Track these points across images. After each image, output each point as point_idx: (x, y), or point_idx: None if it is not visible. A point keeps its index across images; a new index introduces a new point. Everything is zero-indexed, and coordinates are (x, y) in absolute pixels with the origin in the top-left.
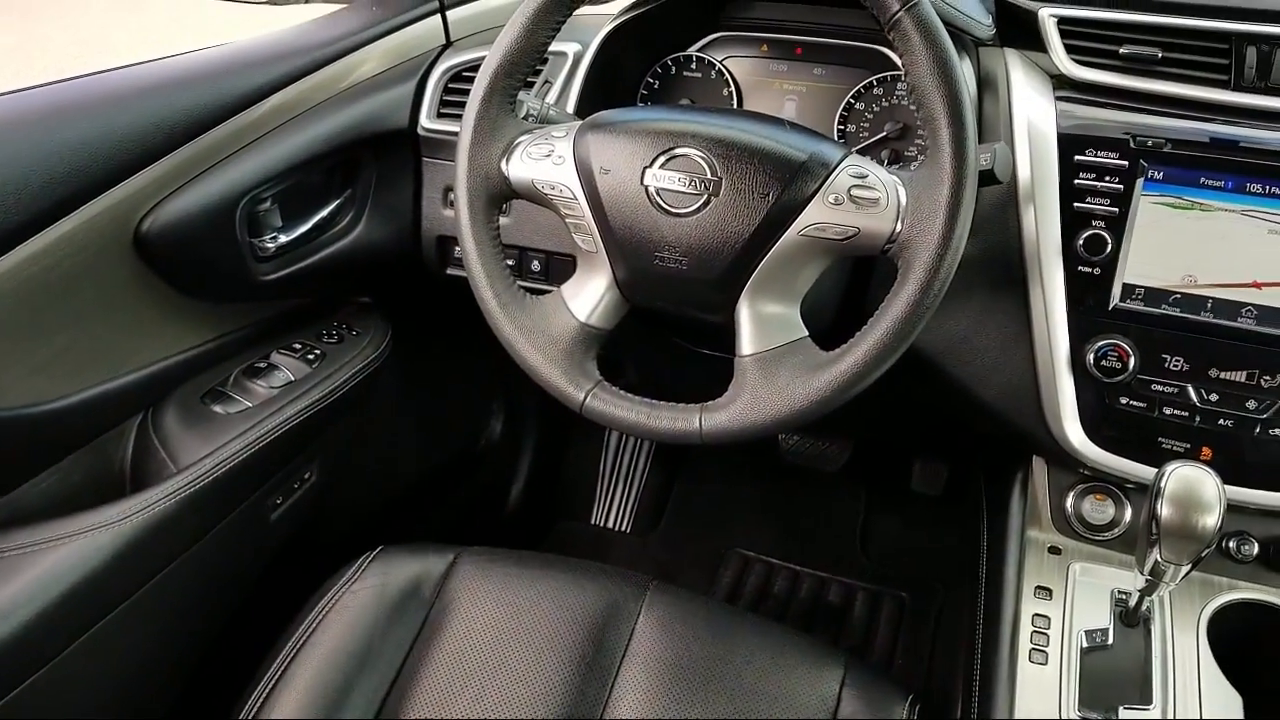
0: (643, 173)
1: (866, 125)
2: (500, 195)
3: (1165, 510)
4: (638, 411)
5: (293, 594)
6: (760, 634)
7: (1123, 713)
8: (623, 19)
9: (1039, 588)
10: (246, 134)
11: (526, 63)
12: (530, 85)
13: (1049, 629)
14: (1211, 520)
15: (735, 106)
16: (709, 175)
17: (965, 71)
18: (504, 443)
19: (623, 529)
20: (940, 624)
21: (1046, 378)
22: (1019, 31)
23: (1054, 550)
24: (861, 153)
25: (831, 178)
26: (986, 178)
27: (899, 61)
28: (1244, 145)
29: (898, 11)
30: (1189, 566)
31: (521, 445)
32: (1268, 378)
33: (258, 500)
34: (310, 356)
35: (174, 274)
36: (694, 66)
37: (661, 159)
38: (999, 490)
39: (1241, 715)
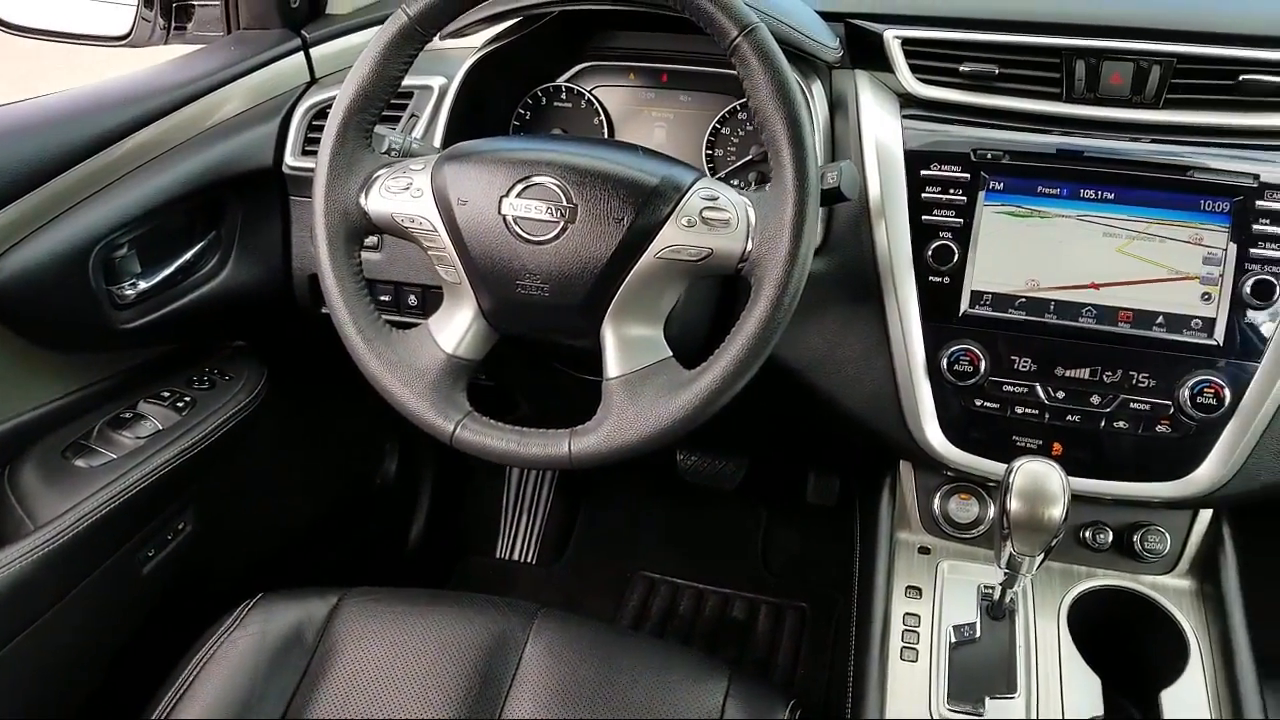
0: (500, 202)
1: (733, 149)
2: (360, 230)
3: (1014, 505)
4: (508, 440)
5: (172, 648)
6: (646, 653)
7: (989, 703)
8: (486, 51)
9: (910, 587)
10: (100, 178)
11: (380, 97)
12: (396, 119)
13: (919, 627)
14: (1057, 512)
15: (606, 135)
16: (565, 202)
17: (816, 93)
18: (401, 481)
19: (528, 560)
20: (839, 631)
21: (906, 384)
22: (868, 53)
23: (924, 550)
24: (728, 176)
25: (684, 200)
26: (834, 195)
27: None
28: (1075, 154)
29: (736, 37)
30: (1041, 556)
31: (419, 483)
32: (1109, 373)
33: (127, 554)
34: (180, 404)
35: (25, 326)
36: (564, 96)
37: (518, 188)
38: (870, 496)
39: (1100, 696)
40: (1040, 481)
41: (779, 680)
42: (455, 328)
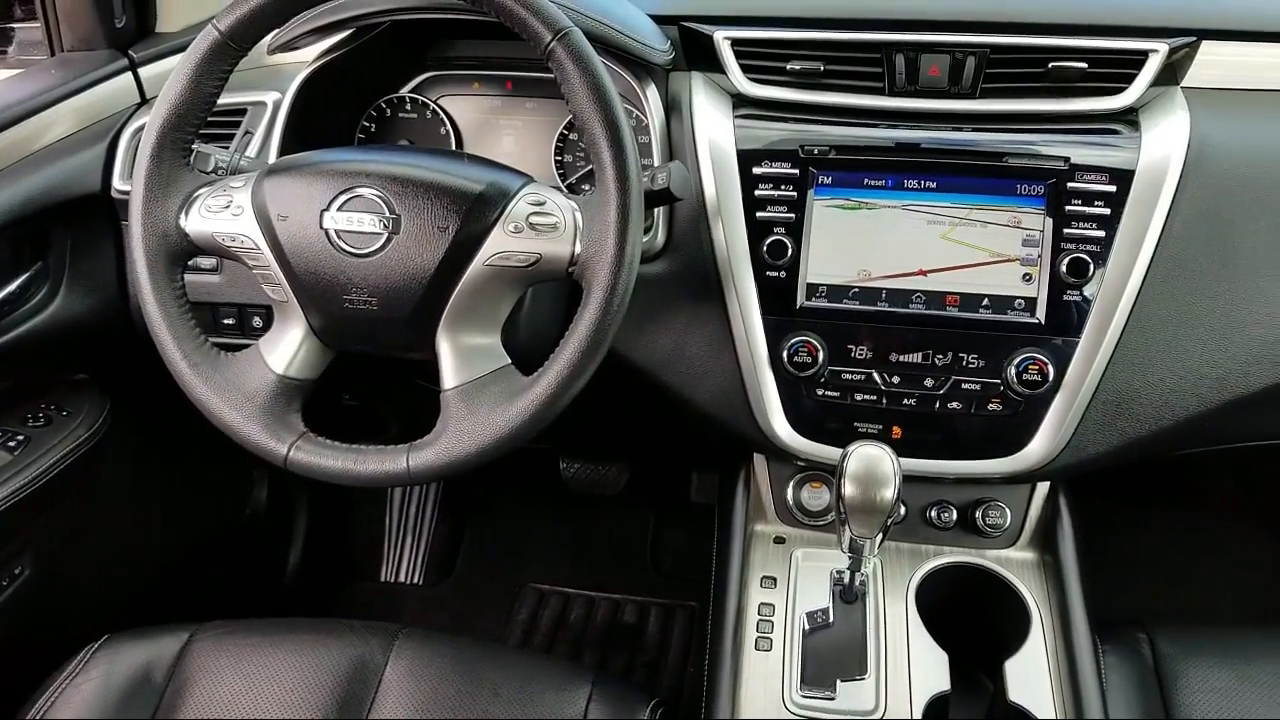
0: (321, 216)
1: (582, 154)
2: (180, 253)
3: (848, 489)
4: (344, 458)
5: (13, 699)
6: (508, 665)
7: (840, 687)
8: (320, 64)
9: (765, 577)
10: None
11: (195, 114)
12: (230, 137)
13: (774, 616)
14: (889, 493)
15: (454, 145)
16: (387, 213)
17: (651, 96)
18: (273, 509)
19: (415, 581)
20: (703, 627)
21: (751, 379)
22: (701, 55)
23: (779, 540)
24: (579, 181)
25: (510, 207)
26: (665, 196)
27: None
28: (898, 145)
29: (550, 42)
30: (880, 537)
31: (294, 509)
32: (940, 356)
33: None
34: (11, 443)
35: None
36: (409, 108)
37: (339, 201)
38: (727, 490)
39: (947, 671)
40: (872, 465)
41: (669, 681)
42: (286, 347)
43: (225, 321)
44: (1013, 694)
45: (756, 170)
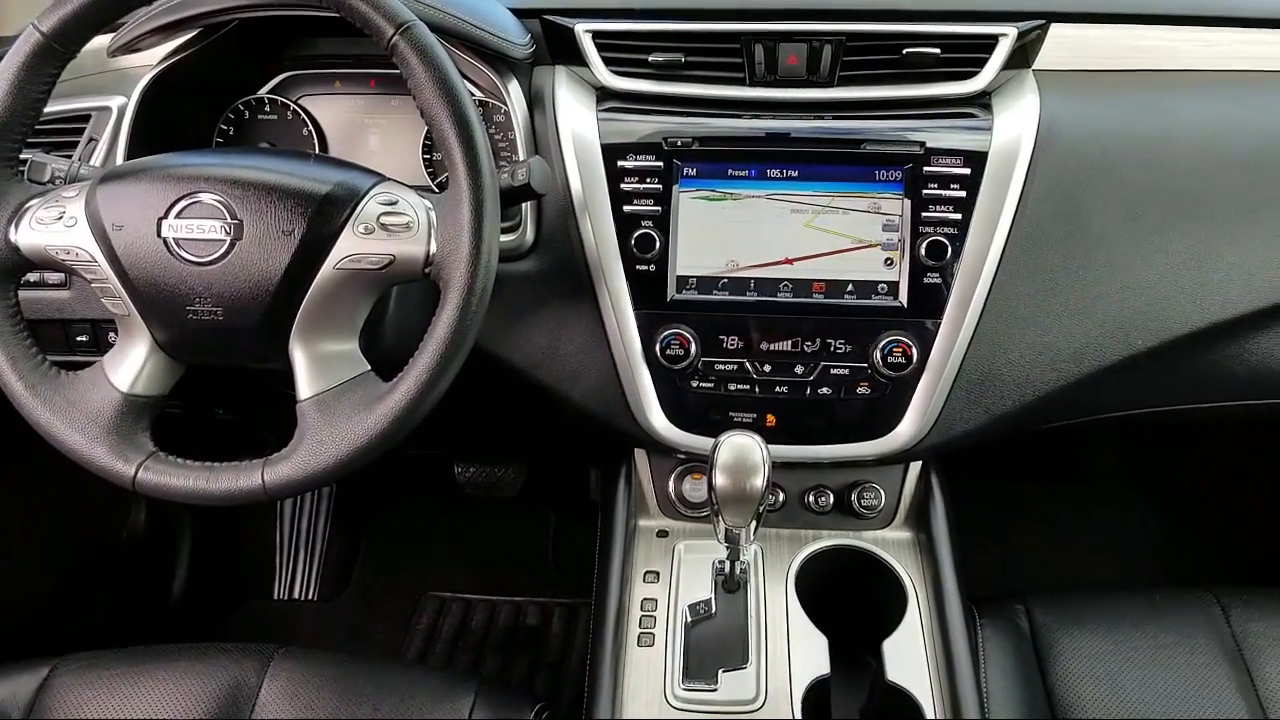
0: (159, 224)
1: None
2: (11, 268)
3: (718, 479)
4: (195, 477)
5: None
6: (389, 679)
7: (722, 677)
8: (165, 65)
9: (648, 572)
10: None
11: (21, 122)
12: (74, 144)
13: (656, 611)
14: (759, 481)
15: (317, 146)
16: (229, 219)
17: (513, 91)
18: (153, 530)
19: (310, 597)
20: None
21: (626, 373)
22: (564, 48)
23: (662, 534)
24: (446, 182)
25: (360, 207)
26: (525, 192)
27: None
28: (759, 135)
29: (392, 36)
30: (754, 525)
31: (177, 530)
32: (809, 343)
33: None
34: None
35: None
36: (268, 109)
37: (177, 207)
38: (608, 486)
39: (826, 655)
40: (741, 454)
41: (571, 680)
42: (131, 364)
43: (79, 339)
44: (891, 673)
45: (621, 164)
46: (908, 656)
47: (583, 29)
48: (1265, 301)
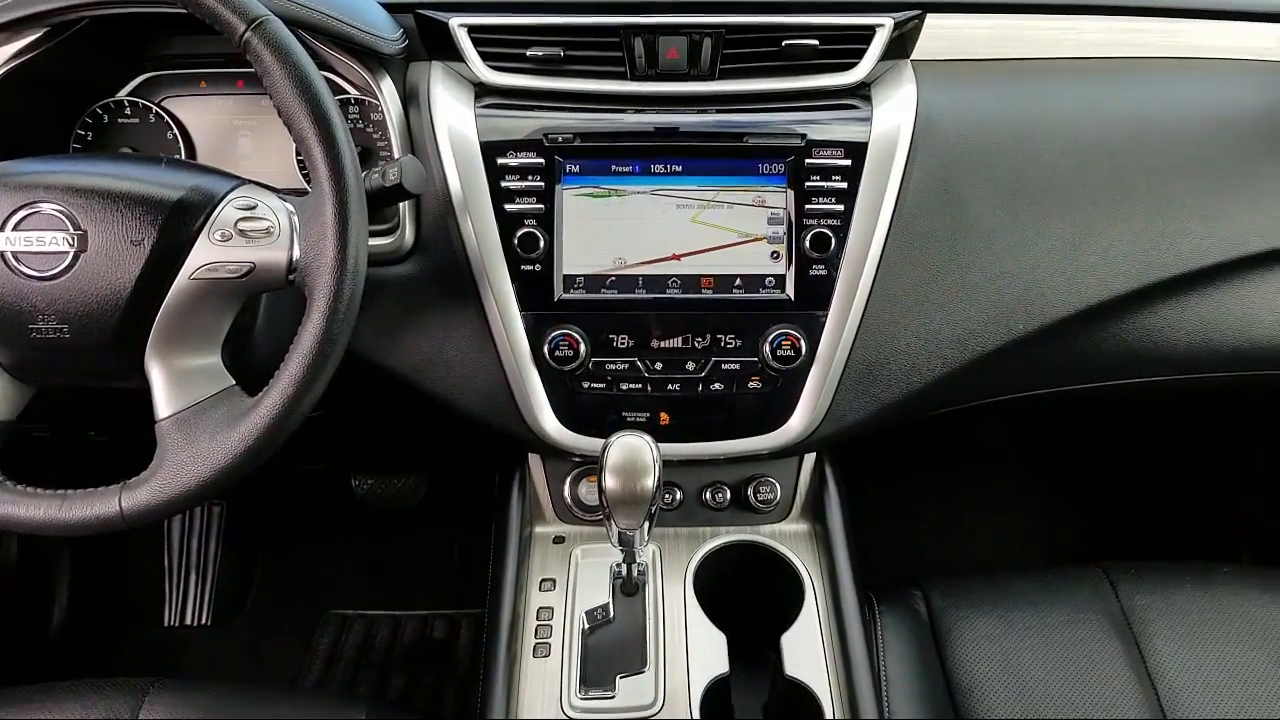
0: None
1: None
2: None
3: (608, 481)
4: (46, 506)
5: None
6: (273, 706)
7: (619, 683)
8: (10, 67)
9: (544, 580)
10: None
11: None
12: None
13: (553, 619)
14: (649, 482)
15: (184, 151)
16: (72, 230)
17: (386, 89)
18: (26, 561)
19: (203, 622)
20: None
21: (515, 376)
22: (440, 44)
23: (559, 540)
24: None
25: (216, 213)
26: (397, 193)
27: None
28: (641, 130)
29: (244, 32)
30: (647, 526)
31: (53, 559)
32: (699, 339)
33: None
34: None
35: None
36: (129, 112)
37: (15, 219)
38: (502, 492)
39: (725, 654)
40: (631, 455)
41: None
42: None
43: None
44: (790, 668)
45: (502, 161)
46: (806, 650)
47: (458, 23)
48: (1139, 282)
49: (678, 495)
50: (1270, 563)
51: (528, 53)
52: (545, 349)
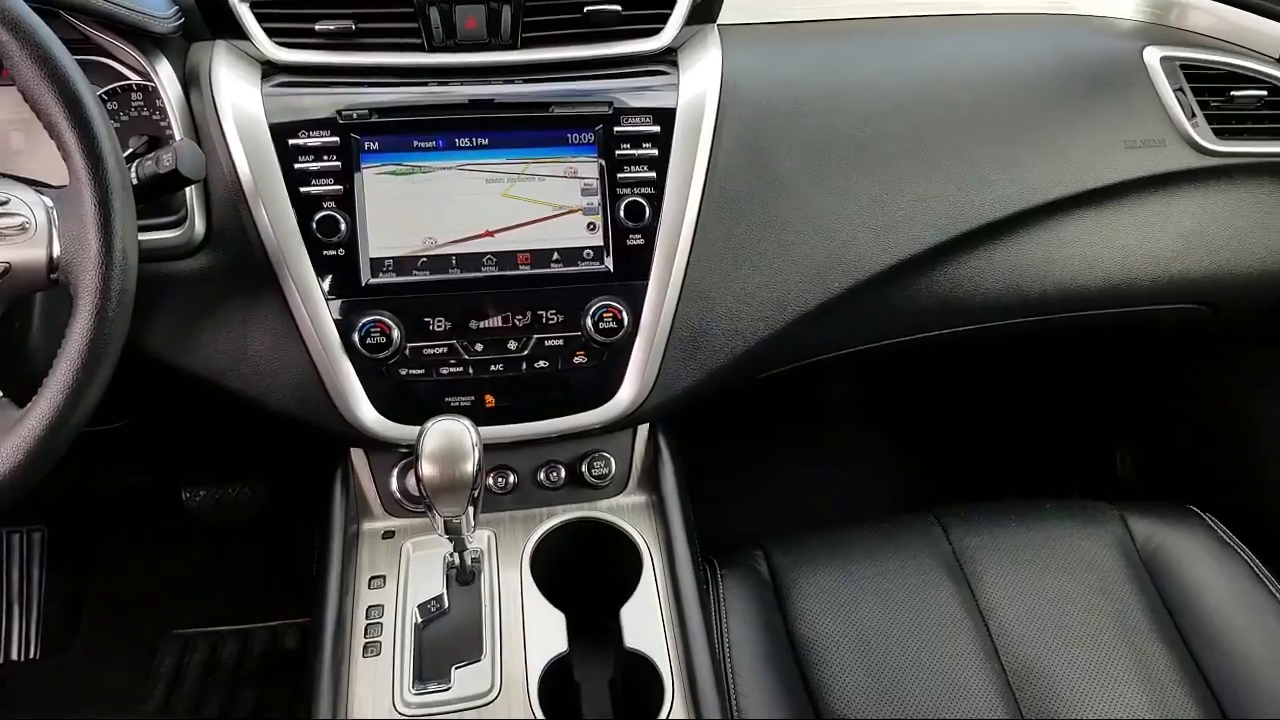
0: None
1: None
2: None
3: (426, 469)
4: None
5: None
6: None
7: (455, 674)
8: None
9: (374, 577)
10: None
11: None
12: None
13: (383, 617)
14: (469, 467)
15: None
16: None
17: (163, 71)
18: None
19: (30, 657)
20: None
21: (326, 369)
22: (223, 21)
23: (388, 535)
24: None
25: None
26: (174, 180)
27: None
28: (442, 103)
29: None
30: (472, 511)
31: None
32: (520, 317)
33: None
34: None
35: None
36: None
37: None
38: (323, 491)
39: (564, 633)
40: (448, 440)
41: None
42: None
43: None
44: (630, 640)
45: (294, 142)
46: (645, 620)
47: None
48: (946, 234)
49: (511, 478)
50: (1096, 496)
51: (317, 27)
52: (356, 337)
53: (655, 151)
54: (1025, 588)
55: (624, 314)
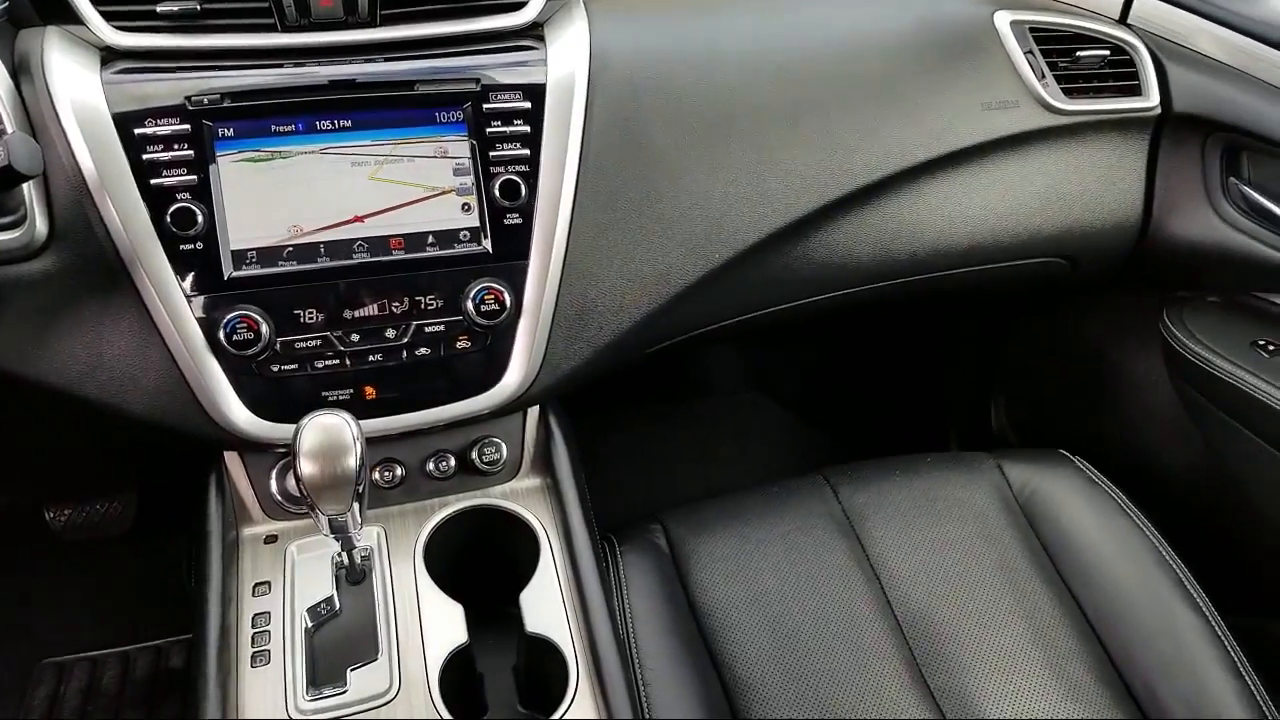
0: None
1: None
2: None
3: (305, 467)
4: None
5: None
6: None
7: (351, 676)
8: None
9: (257, 584)
10: None
11: None
12: None
13: (270, 624)
14: (351, 461)
15: None
16: None
17: None
18: None
19: None
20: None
21: (191, 370)
22: (51, 4)
23: (270, 539)
24: None
25: None
26: (7, 176)
27: None
28: (299, 85)
29: None
30: (357, 508)
31: None
32: (397, 304)
33: None
34: None
35: None
36: None
37: None
38: (197, 499)
39: (462, 624)
40: (326, 435)
41: None
42: None
43: None
44: (530, 624)
45: (140, 131)
46: (546, 603)
47: None
48: (819, 201)
49: (399, 471)
50: (974, 447)
51: (158, 8)
52: (222, 334)
53: (527, 128)
54: (912, 539)
55: (506, 295)
